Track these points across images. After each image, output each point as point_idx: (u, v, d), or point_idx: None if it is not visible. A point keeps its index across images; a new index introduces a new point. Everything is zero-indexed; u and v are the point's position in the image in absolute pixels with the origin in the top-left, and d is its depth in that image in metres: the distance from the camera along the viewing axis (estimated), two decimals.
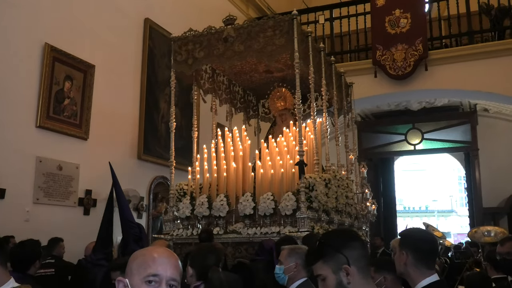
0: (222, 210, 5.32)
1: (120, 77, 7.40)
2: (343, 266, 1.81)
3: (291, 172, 5.25)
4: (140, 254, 1.59)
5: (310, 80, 5.46)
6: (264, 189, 5.30)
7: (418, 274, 2.35)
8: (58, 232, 6.01)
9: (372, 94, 9.64)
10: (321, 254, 1.86)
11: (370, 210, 6.79)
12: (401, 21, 9.47)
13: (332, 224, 5.42)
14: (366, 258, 1.90)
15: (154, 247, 1.66)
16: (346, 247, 1.85)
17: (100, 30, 7.04)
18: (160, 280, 1.51)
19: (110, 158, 6.85)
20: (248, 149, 5.92)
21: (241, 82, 7.12)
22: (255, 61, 6.18)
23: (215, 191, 5.62)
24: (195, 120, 6.25)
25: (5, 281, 2.82)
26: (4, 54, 5.65)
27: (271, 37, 5.33)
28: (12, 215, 5.52)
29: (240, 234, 5.15)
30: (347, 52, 10.57)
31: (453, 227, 25.85)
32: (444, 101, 11.53)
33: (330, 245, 1.87)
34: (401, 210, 26.18)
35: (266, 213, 5.09)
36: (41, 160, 6.03)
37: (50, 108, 6.18)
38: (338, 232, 2.51)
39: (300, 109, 5.30)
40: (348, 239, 1.90)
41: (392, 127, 12.14)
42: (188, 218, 5.56)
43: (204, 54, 5.65)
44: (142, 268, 1.53)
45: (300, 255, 3.31)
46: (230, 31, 5.49)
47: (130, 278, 1.54)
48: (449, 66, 9.25)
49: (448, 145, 12.02)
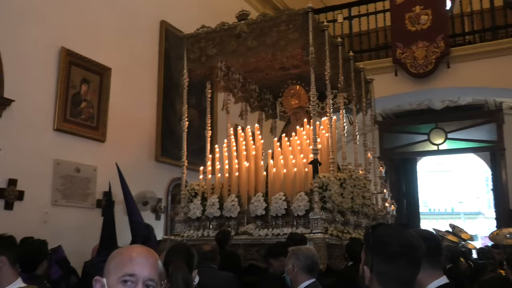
0: (233, 211, 5.24)
1: (137, 79, 7.42)
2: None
3: (304, 172, 5.13)
4: (118, 253, 1.55)
5: (326, 76, 5.34)
6: (276, 189, 5.19)
7: (425, 276, 2.07)
8: (76, 233, 6.07)
9: (392, 93, 9.48)
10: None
11: (389, 210, 6.63)
12: (421, 18, 9.29)
13: (348, 226, 5.29)
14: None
15: (133, 246, 1.59)
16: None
17: (116, 32, 7.07)
18: (136, 280, 1.47)
19: (128, 160, 6.88)
20: (260, 148, 5.83)
21: (256, 80, 7.02)
22: (270, 57, 6.09)
23: (226, 191, 5.55)
24: (208, 119, 6.21)
25: (13, 280, 2.82)
26: (21, 58, 5.71)
27: (285, 32, 5.21)
28: (31, 217, 5.58)
29: (251, 235, 5.05)
30: (367, 50, 10.43)
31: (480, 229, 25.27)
32: (468, 100, 11.24)
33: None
34: (426, 212, 25.74)
35: (278, 214, 4.98)
36: (59, 163, 6.07)
37: (67, 111, 6.22)
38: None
39: (315, 106, 5.19)
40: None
41: (414, 126, 11.90)
42: (199, 219, 5.49)
43: (217, 51, 5.58)
44: (119, 267, 1.48)
45: (298, 256, 3.27)
46: (243, 26, 5.41)
47: (107, 277, 1.50)
48: (472, 63, 9.02)
49: (473, 145, 11.70)
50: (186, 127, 5.85)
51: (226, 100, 6.66)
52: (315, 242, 4.53)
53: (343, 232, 5.00)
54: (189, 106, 7.87)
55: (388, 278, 1.65)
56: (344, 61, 6.06)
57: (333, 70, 5.54)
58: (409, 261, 1.66)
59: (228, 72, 6.49)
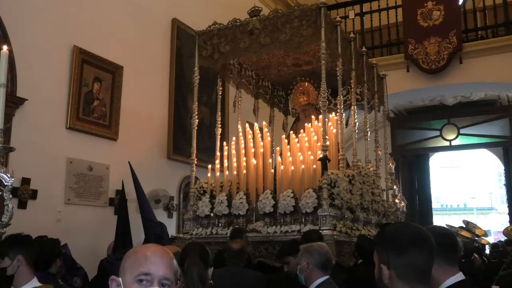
0: (242, 208, 5.22)
1: (149, 78, 7.45)
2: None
3: (312, 169, 5.10)
4: (133, 252, 1.56)
5: (337, 71, 5.31)
6: (284, 186, 5.16)
7: (440, 273, 2.08)
8: (89, 231, 6.11)
9: (405, 89, 9.44)
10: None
11: (399, 207, 6.58)
12: (433, 14, 9.22)
13: (357, 222, 5.26)
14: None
15: (148, 245, 1.61)
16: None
17: (128, 31, 7.10)
18: (152, 279, 1.48)
19: (140, 158, 6.92)
20: (269, 145, 5.80)
21: (269, 77, 6.99)
22: (283, 54, 6.06)
23: (235, 189, 5.52)
24: (218, 116, 6.21)
25: (29, 280, 2.87)
26: (34, 57, 5.75)
27: (298, 28, 5.16)
28: (44, 216, 5.62)
29: (260, 233, 5.02)
30: (378, 47, 10.37)
31: (493, 225, 25.09)
32: (480, 95, 11.16)
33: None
34: (438, 208, 25.63)
35: (287, 211, 4.96)
36: (71, 161, 6.11)
37: (80, 109, 6.26)
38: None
39: (325, 102, 5.10)
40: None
41: (426, 122, 11.81)
42: (208, 216, 5.48)
43: (230, 48, 5.53)
44: (134, 266, 1.50)
45: (311, 253, 3.28)
46: (255, 23, 5.36)
47: (123, 276, 1.52)
48: (485, 58, 8.95)
49: (486, 140, 11.60)
50: (196, 124, 5.85)
51: (237, 98, 6.65)
52: (323, 239, 4.52)
53: (352, 229, 4.98)
54: (201, 104, 7.89)
55: (405, 269, 1.70)
56: (356, 57, 6.02)
57: (345, 66, 5.49)
58: (420, 249, 1.72)
59: (241, 69, 6.48)
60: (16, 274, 2.85)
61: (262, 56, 5.93)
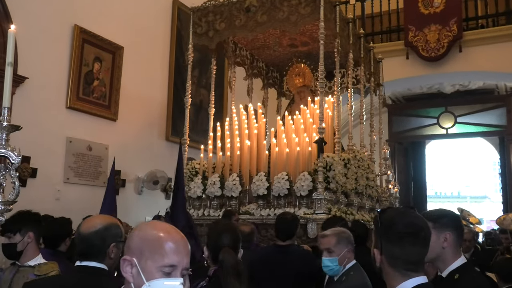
0: (235, 190, 5.21)
1: (149, 58, 7.45)
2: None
3: (308, 151, 5.08)
4: (153, 237, 1.47)
5: (335, 53, 5.28)
6: (279, 168, 5.13)
7: (453, 255, 2.25)
8: (87, 211, 6.12)
9: (403, 76, 9.43)
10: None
11: (392, 192, 6.62)
12: (435, 1, 9.18)
13: (352, 207, 5.28)
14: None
15: (170, 231, 1.50)
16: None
17: (129, 11, 7.08)
18: (176, 270, 1.44)
19: (139, 139, 6.95)
20: (263, 127, 5.77)
21: (264, 57, 6.92)
22: (279, 33, 5.99)
23: (228, 170, 5.49)
24: (212, 96, 6.17)
25: (35, 256, 2.93)
26: (35, 36, 5.75)
27: (296, 6, 5.11)
28: (44, 194, 5.68)
29: (253, 215, 4.99)
30: (379, 33, 10.33)
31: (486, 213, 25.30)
32: (478, 84, 11.17)
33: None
34: (432, 195, 25.78)
35: (281, 194, 4.94)
36: (71, 141, 6.14)
37: (80, 89, 6.27)
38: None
39: (323, 84, 5.07)
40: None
41: (423, 110, 11.84)
42: (200, 198, 5.46)
43: (225, 26, 5.47)
44: (158, 255, 1.43)
45: (349, 238, 3.15)
46: (252, 0, 5.31)
47: (139, 259, 1.44)
48: (484, 47, 8.94)
49: (482, 129, 11.66)
50: (189, 103, 5.82)
51: (231, 77, 6.61)
52: (318, 222, 4.54)
53: (347, 213, 4.99)
54: (200, 86, 7.87)
55: (396, 259, 1.72)
56: (354, 39, 5.97)
57: (343, 48, 5.46)
58: (414, 241, 1.72)
59: (235, 48, 6.43)
60: (25, 250, 2.91)
61: (257, 35, 5.84)
